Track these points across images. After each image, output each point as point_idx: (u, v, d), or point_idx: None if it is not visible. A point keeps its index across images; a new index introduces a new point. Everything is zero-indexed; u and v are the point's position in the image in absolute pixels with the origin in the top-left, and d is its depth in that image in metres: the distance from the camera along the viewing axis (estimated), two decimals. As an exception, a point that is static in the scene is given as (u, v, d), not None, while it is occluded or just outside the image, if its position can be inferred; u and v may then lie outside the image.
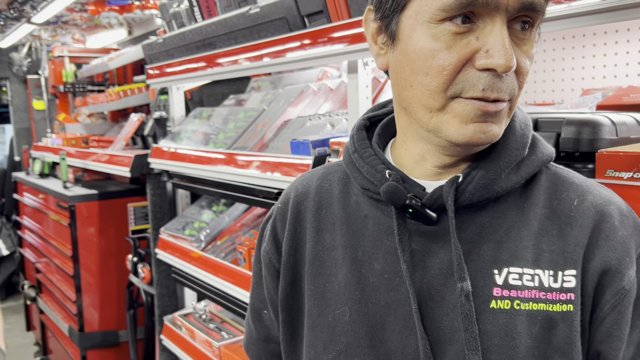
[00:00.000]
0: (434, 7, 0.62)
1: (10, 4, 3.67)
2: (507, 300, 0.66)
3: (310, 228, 0.81)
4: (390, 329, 0.71)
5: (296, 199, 0.84)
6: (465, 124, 0.64)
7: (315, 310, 0.77)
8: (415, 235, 0.72)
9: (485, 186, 0.69)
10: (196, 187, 2.24)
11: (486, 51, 0.62)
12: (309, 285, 0.79)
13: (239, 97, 2.49)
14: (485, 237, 0.69)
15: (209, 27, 1.96)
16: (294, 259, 0.82)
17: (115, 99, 3.63)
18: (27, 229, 4.21)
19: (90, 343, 3.17)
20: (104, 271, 3.16)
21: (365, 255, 0.74)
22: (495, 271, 0.68)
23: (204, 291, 2.13)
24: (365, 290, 0.73)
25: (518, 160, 0.70)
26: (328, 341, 0.75)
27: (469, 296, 0.66)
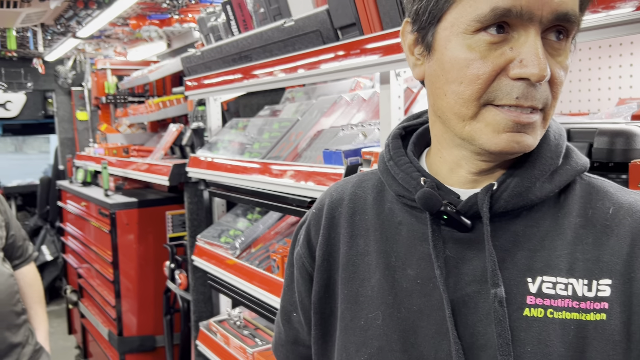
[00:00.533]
0: (469, 18, 0.64)
1: (57, 20, 3.83)
2: (540, 309, 0.67)
3: (344, 233, 0.83)
4: (423, 334, 0.72)
5: (330, 205, 0.86)
6: (498, 133, 0.65)
7: (348, 314, 0.79)
8: (450, 242, 0.72)
9: (519, 194, 0.69)
10: (232, 195, 2.29)
11: (520, 61, 0.63)
12: (342, 290, 0.81)
13: (274, 108, 2.53)
14: (519, 246, 0.70)
15: (245, 40, 2.01)
16: (328, 263, 0.84)
17: (154, 110, 3.74)
18: (70, 235, 4.34)
19: (128, 347, 3.25)
20: (142, 277, 3.25)
21: (398, 261, 0.76)
22: (529, 279, 0.68)
23: (239, 298, 2.17)
24: (398, 295, 0.74)
25: (552, 169, 0.71)
26: (360, 344, 0.76)
27: (502, 302, 0.67)
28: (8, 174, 9.04)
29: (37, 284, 2.28)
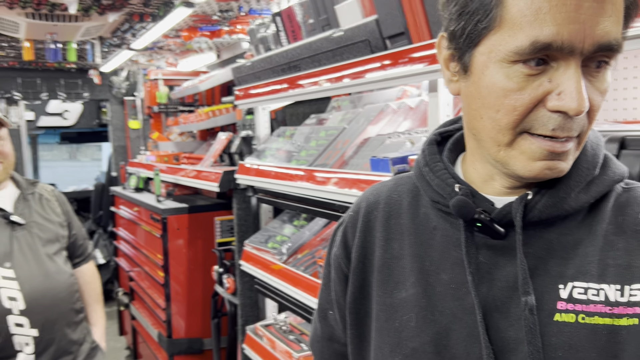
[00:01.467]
0: (508, 49, 0.63)
1: (113, 33, 4.01)
2: (571, 314, 0.67)
3: (379, 237, 0.85)
4: (455, 337, 0.73)
5: (367, 208, 0.88)
6: (532, 161, 0.66)
7: (383, 316, 0.81)
8: (483, 248, 0.73)
9: (554, 205, 0.70)
10: (279, 201, 2.33)
11: (558, 93, 0.62)
12: (377, 292, 0.83)
13: (320, 117, 2.57)
14: (552, 254, 0.70)
15: (294, 51, 2.06)
16: (363, 265, 0.86)
17: (204, 119, 3.85)
18: (122, 239, 4.48)
19: (177, 349, 3.33)
20: (192, 281, 3.33)
21: (432, 265, 0.77)
22: (560, 286, 0.68)
23: (285, 302, 2.20)
24: (432, 298, 0.76)
25: (588, 179, 0.71)
26: (394, 345, 0.78)
27: (533, 310, 0.67)
28: (64, 179, 9.45)
29: (95, 282, 2.37)
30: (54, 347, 2.03)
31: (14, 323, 1.94)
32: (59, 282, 2.06)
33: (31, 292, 1.97)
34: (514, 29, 0.62)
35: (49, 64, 5.74)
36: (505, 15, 0.63)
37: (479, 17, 0.65)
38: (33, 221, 2.08)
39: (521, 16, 0.61)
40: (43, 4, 3.06)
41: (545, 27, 0.60)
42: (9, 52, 4.90)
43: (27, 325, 1.96)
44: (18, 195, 2.11)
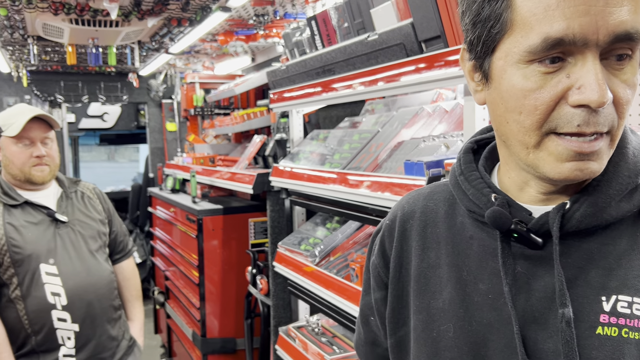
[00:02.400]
0: (522, 49, 0.63)
1: (152, 37, 4.10)
2: (614, 328, 0.65)
3: (415, 246, 0.84)
4: (493, 348, 0.72)
5: (403, 217, 0.88)
6: (561, 162, 0.65)
7: (420, 325, 0.81)
8: (521, 259, 0.72)
9: (593, 214, 0.68)
10: (312, 204, 2.35)
11: (578, 87, 0.61)
12: (415, 301, 0.83)
13: (353, 120, 2.58)
14: (593, 264, 0.68)
15: (328, 54, 2.08)
16: (400, 275, 0.86)
17: (239, 122, 3.90)
18: (159, 239, 4.57)
19: (211, 348, 3.38)
20: (226, 281, 3.37)
21: (470, 275, 0.77)
22: (603, 298, 0.66)
23: (317, 304, 2.22)
24: (469, 308, 0.75)
25: (630, 187, 0.68)
26: (432, 355, 0.78)
27: (570, 323, 0.66)
28: (102, 180, 9.70)
29: (135, 278, 2.43)
30: (94, 343, 2.10)
31: (57, 318, 2.01)
32: (100, 279, 2.13)
33: (73, 288, 2.04)
34: (525, 29, 0.62)
35: (90, 68, 5.92)
36: (515, 18, 0.63)
37: (492, 23, 0.66)
38: (76, 219, 2.15)
39: (531, 15, 0.62)
40: (86, 10, 3.16)
41: (555, 23, 0.60)
42: (53, 56, 5.07)
43: (69, 320, 2.03)
44: (61, 193, 2.18)
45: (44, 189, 2.14)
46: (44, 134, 2.08)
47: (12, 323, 1.98)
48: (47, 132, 2.09)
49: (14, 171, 2.05)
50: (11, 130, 2.01)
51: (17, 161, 2.03)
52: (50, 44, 4.34)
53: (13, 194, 2.05)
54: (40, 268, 2.00)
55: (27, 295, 1.98)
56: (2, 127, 2.03)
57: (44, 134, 2.08)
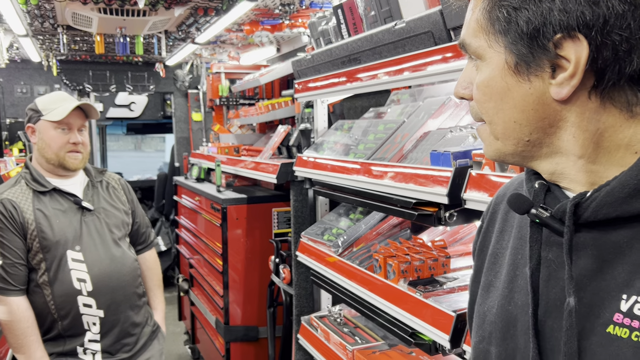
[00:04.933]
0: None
1: (179, 27, 4.13)
2: (626, 329, 0.63)
3: (497, 228, 0.89)
4: (520, 328, 0.76)
5: (496, 200, 0.93)
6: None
7: (480, 299, 0.87)
8: (554, 246, 0.72)
9: (609, 204, 0.65)
10: (335, 194, 2.34)
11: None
12: (483, 277, 0.89)
13: (378, 110, 2.56)
14: (621, 258, 0.65)
15: (354, 43, 2.06)
16: (482, 252, 0.91)
17: (264, 112, 3.91)
18: (183, 227, 4.62)
19: (234, 336, 3.41)
20: (249, 270, 3.40)
21: (522, 259, 0.79)
22: (623, 296, 0.64)
23: (340, 295, 2.21)
24: (513, 290, 0.79)
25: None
26: (479, 327, 0.85)
27: (571, 312, 0.66)
28: (129, 169, 9.85)
29: (157, 268, 2.47)
30: (118, 329, 2.13)
31: (83, 303, 2.05)
32: (123, 266, 2.16)
33: (98, 274, 2.07)
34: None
35: (117, 58, 5.99)
36: None
37: None
38: (101, 207, 2.18)
39: None
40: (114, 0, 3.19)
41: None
42: (82, 46, 5.15)
43: (94, 306, 2.06)
44: (87, 182, 2.21)
45: (72, 177, 2.18)
46: (82, 122, 2.12)
47: (39, 308, 2.03)
48: (84, 121, 2.14)
49: (48, 155, 2.08)
50: (53, 115, 2.05)
51: (54, 145, 2.07)
52: (79, 33, 4.40)
53: (42, 180, 2.09)
54: (67, 254, 2.03)
55: (54, 280, 2.02)
56: (43, 112, 2.08)
57: (82, 122, 2.12)
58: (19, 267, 1.98)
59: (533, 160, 0.74)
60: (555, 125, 0.70)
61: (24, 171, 2.12)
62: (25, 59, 5.99)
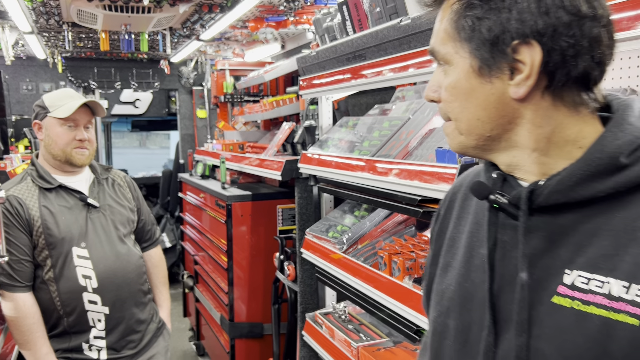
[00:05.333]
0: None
1: (183, 24, 4.13)
2: (568, 299, 0.73)
3: (455, 215, 0.98)
4: (476, 302, 0.84)
5: (452, 190, 1.03)
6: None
7: (439, 278, 0.96)
8: (508, 228, 0.82)
9: (559, 191, 0.75)
10: (340, 191, 2.34)
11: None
12: (442, 259, 0.98)
13: (383, 107, 2.55)
14: (566, 238, 0.75)
15: (360, 40, 2.05)
16: (439, 237, 1.00)
17: (268, 109, 3.91)
18: (188, 224, 4.63)
19: (238, 332, 3.42)
20: (253, 266, 3.40)
21: (478, 241, 0.88)
22: (567, 271, 0.74)
23: (344, 292, 2.21)
24: (469, 269, 0.89)
25: (605, 170, 0.72)
26: (437, 303, 0.94)
27: (524, 286, 0.76)
28: (134, 166, 9.87)
29: (162, 265, 2.47)
30: (123, 326, 2.13)
31: (88, 300, 2.06)
32: (129, 263, 2.16)
33: (103, 271, 2.08)
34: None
35: (122, 55, 5.99)
36: None
37: None
38: (106, 204, 2.19)
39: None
40: (119, -3, 3.20)
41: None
42: (87, 42, 5.16)
43: (99, 303, 2.07)
44: (93, 179, 2.22)
45: (78, 174, 2.18)
46: (88, 119, 2.13)
47: (45, 304, 2.03)
48: (91, 118, 2.14)
49: (55, 151, 2.09)
50: (60, 111, 2.05)
51: (61, 142, 2.08)
52: (84, 30, 4.41)
53: (48, 177, 2.09)
54: (73, 251, 2.04)
55: (59, 277, 2.03)
56: (50, 108, 2.08)
57: (88, 119, 2.13)
58: (25, 263, 1.99)
59: (492, 153, 0.83)
60: (513, 122, 0.78)
61: (30, 168, 2.13)
62: (31, 56, 6.00)
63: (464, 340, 0.86)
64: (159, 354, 2.29)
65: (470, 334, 0.85)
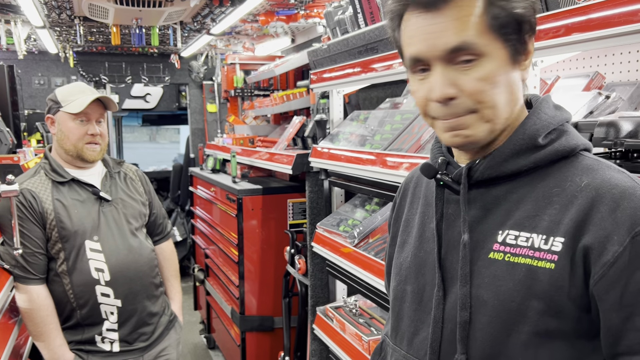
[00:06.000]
0: (405, 64, 0.94)
1: (194, 18, 4.13)
2: (500, 253, 0.90)
3: (408, 201, 1.15)
4: (428, 267, 1.01)
5: (406, 181, 1.20)
6: (443, 132, 0.92)
7: (397, 255, 1.12)
8: (452, 203, 0.99)
9: (490, 167, 0.92)
10: (351, 185, 2.33)
11: (431, 89, 0.89)
12: (399, 239, 1.13)
13: (395, 101, 2.54)
14: (498, 206, 0.93)
15: (372, 32, 2.04)
16: (396, 222, 1.17)
17: (279, 103, 3.90)
18: (199, 218, 4.64)
19: (249, 326, 3.43)
20: (264, 260, 3.41)
21: (428, 218, 1.05)
22: (499, 232, 0.91)
23: (355, 285, 2.21)
24: (422, 241, 1.05)
25: (525, 149, 0.90)
26: (396, 273, 1.10)
27: (466, 245, 0.93)
28: (144, 160, 9.91)
29: (173, 259, 2.48)
30: (136, 318, 2.15)
31: (101, 293, 2.07)
32: (141, 256, 2.17)
33: (116, 264, 2.09)
34: (404, 50, 0.92)
35: (133, 49, 6.01)
36: (402, 44, 0.93)
37: (397, 46, 0.96)
38: (119, 198, 2.20)
39: (404, 43, 0.92)
40: (130, -9, 3.20)
41: (412, 47, 0.89)
42: (98, 37, 5.17)
43: (112, 296, 2.08)
44: (105, 173, 2.23)
45: (90, 168, 2.19)
46: (100, 114, 2.13)
47: (58, 297, 2.05)
48: (103, 112, 2.14)
49: (67, 146, 2.10)
50: (72, 107, 2.06)
51: (72, 137, 2.09)
52: (95, 24, 4.42)
53: (61, 171, 2.11)
54: (85, 244, 2.05)
55: (72, 270, 2.04)
56: (62, 103, 2.09)
57: (100, 114, 2.13)
58: (38, 256, 2.01)
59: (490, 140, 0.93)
60: (518, 103, 0.93)
61: (43, 161, 2.14)
62: (43, 51, 6.04)
63: (420, 300, 1.01)
64: (171, 346, 2.30)
65: (424, 294, 1.01)
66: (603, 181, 0.85)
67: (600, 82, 1.72)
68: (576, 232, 0.83)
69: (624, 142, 1.10)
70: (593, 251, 0.82)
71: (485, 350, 0.89)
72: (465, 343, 0.91)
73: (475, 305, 0.90)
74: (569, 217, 0.85)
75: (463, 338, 0.91)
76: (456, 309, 0.92)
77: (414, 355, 1.01)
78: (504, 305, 0.87)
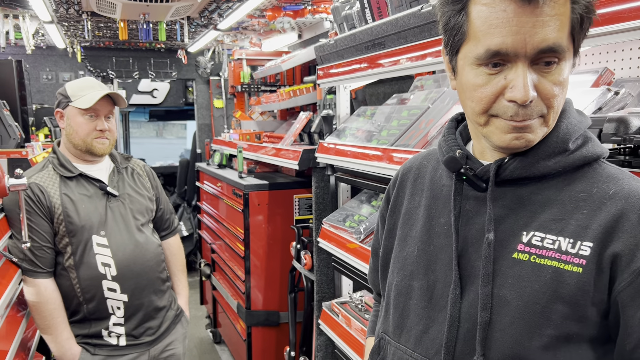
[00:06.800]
0: (473, 55, 0.86)
1: (201, 13, 4.13)
2: (526, 254, 0.89)
3: (408, 192, 1.12)
4: (440, 264, 0.98)
5: (403, 172, 1.17)
6: (504, 134, 0.87)
7: (398, 248, 1.09)
8: (471, 199, 0.97)
9: (522, 167, 0.90)
10: (357, 181, 2.33)
11: (511, 87, 0.83)
12: (399, 232, 1.10)
13: (402, 96, 2.53)
14: (523, 207, 0.91)
15: (379, 28, 2.03)
16: (394, 213, 1.14)
17: (285, 99, 3.90)
18: (205, 213, 4.65)
19: (255, 320, 3.44)
20: (270, 255, 3.41)
21: (437, 212, 1.02)
22: (524, 232, 0.90)
23: (360, 281, 2.21)
24: (431, 236, 1.02)
25: (557, 152, 0.89)
26: (400, 268, 1.06)
27: (490, 244, 0.90)
28: (151, 155, 9.94)
29: (180, 254, 2.49)
30: (142, 313, 2.16)
31: (107, 287, 2.08)
32: (147, 252, 2.18)
33: (122, 259, 2.10)
34: (475, 40, 0.85)
35: (140, 44, 6.02)
36: (470, 31, 0.85)
37: (455, 32, 0.88)
38: (126, 193, 2.21)
39: (479, 31, 0.84)
40: (137, -14, 3.21)
41: (495, 39, 0.82)
42: (106, 32, 5.19)
43: (118, 291, 2.09)
44: (113, 168, 2.24)
45: (98, 163, 2.20)
46: (109, 109, 2.14)
47: (66, 291, 2.06)
48: (112, 108, 2.15)
49: (76, 140, 2.11)
50: (82, 102, 2.07)
51: (81, 132, 2.10)
52: (103, 19, 4.43)
53: (69, 166, 2.12)
54: (92, 239, 2.06)
55: (79, 264, 2.05)
56: (72, 97, 2.10)
57: (109, 109, 2.14)
58: (46, 250, 2.02)
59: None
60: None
61: (52, 156, 2.15)
62: (51, 46, 6.06)
63: (429, 297, 0.98)
64: (177, 340, 2.31)
65: (435, 291, 0.98)
66: (631, 190, 0.86)
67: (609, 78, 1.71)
68: (605, 238, 0.83)
69: (633, 138, 1.09)
70: (622, 258, 0.82)
71: (504, 351, 0.87)
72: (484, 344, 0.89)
73: (497, 305, 0.88)
74: (597, 222, 0.85)
75: (483, 339, 0.88)
76: (474, 308, 0.90)
77: (423, 355, 0.97)
78: (527, 307, 0.86)
